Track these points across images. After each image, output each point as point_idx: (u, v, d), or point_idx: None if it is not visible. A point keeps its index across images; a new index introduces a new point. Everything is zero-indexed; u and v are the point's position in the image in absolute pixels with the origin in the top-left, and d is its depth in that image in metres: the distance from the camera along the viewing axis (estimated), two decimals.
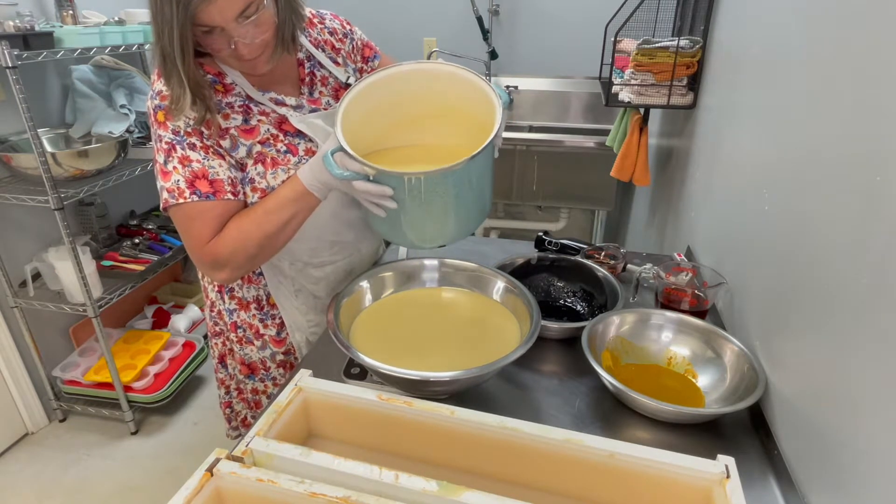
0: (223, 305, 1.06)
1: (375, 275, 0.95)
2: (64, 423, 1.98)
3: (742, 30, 1.13)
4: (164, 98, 0.81)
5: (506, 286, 0.92)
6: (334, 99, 0.96)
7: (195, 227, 0.85)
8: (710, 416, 0.77)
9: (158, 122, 0.83)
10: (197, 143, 0.83)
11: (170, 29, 0.73)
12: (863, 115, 0.59)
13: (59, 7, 1.75)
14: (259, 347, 1.07)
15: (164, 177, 0.84)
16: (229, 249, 0.85)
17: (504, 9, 2.61)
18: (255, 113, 0.89)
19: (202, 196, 0.83)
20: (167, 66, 0.77)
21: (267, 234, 0.85)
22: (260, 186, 0.88)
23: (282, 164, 0.88)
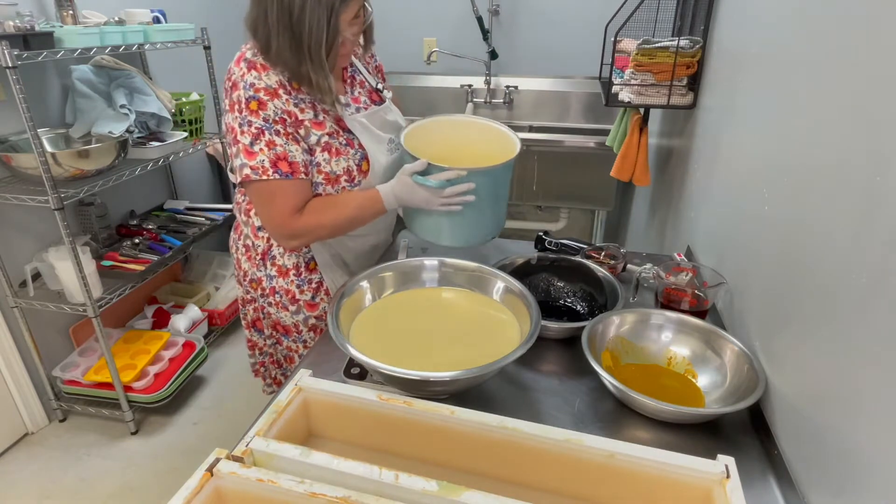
0: (263, 272, 1.18)
1: (375, 275, 0.95)
2: (64, 423, 1.98)
3: (742, 30, 1.13)
4: (258, 90, 0.97)
5: (506, 286, 0.92)
6: (369, 99, 1.16)
7: (277, 202, 1.02)
8: (710, 416, 0.77)
9: (251, 111, 0.97)
10: (281, 129, 0.99)
11: (317, 33, 0.91)
12: (862, 116, 0.59)
13: (60, 7, 1.75)
14: (293, 312, 1.20)
15: (250, 156, 0.98)
16: (306, 229, 1.05)
17: (504, 9, 2.61)
18: (320, 110, 1.05)
19: (283, 175, 0.99)
20: (304, 65, 0.94)
21: (339, 228, 1.09)
22: (325, 170, 1.06)
23: (343, 154, 1.06)
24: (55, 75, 1.88)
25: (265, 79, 0.98)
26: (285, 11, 0.90)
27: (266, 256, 1.17)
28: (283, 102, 0.99)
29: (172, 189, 2.49)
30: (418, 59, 2.77)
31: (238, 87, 0.98)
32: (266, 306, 1.21)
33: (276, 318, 1.22)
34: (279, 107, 0.99)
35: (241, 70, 0.98)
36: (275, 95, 0.98)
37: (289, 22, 0.91)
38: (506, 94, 2.72)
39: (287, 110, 1.00)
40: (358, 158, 1.08)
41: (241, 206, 1.19)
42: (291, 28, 0.91)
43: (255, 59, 0.98)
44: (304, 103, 1.03)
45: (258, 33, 0.96)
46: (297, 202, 1.03)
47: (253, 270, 1.20)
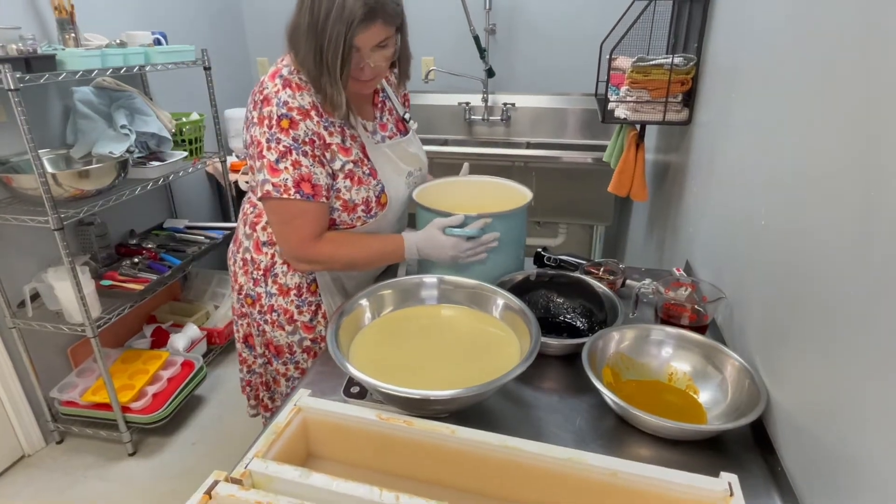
0: (263, 288, 1.16)
1: (375, 293, 0.95)
2: (61, 444, 1.96)
3: (735, 47, 1.14)
4: (291, 109, 0.98)
5: (505, 303, 0.92)
6: (395, 127, 1.19)
7: (296, 224, 1.03)
8: (713, 432, 0.77)
9: (281, 129, 0.98)
10: (309, 151, 1.00)
11: (335, 46, 0.92)
12: (856, 131, 0.59)
13: (62, 30, 1.77)
14: (289, 332, 1.18)
15: (274, 173, 0.99)
16: (321, 258, 1.06)
17: (500, 28, 2.65)
18: (347, 137, 1.06)
19: (304, 196, 1.00)
20: (324, 76, 0.95)
21: (353, 265, 1.12)
22: (344, 197, 1.06)
23: (364, 184, 1.08)
24: (57, 97, 1.90)
25: (299, 98, 0.98)
26: (315, 20, 0.92)
27: (268, 273, 1.15)
28: (314, 124, 1.00)
29: (172, 208, 2.50)
30: (416, 78, 2.80)
31: (271, 102, 0.98)
32: (262, 323, 1.19)
33: (271, 336, 1.20)
34: (310, 128, 0.99)
35: (275, 86, 0.99)
36: (307, 116, 0.99)
37: (315, 31, 0.92)
38: (503, 112, 2.75)
39: (317, 132, 1.00)
40: (378, 190, 1.09)
41: (247, 218, 1.18)
42: (316, 37, 0.92)
43: (291, 78, 0.99)
44: (333, 127, 1.04)
45: (293, 40, 0.98)
46: (315, 227, 1.03)
47: (250, 286, 1.18)
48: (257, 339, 1.23)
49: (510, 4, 2.60)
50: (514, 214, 1.09)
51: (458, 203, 1.11)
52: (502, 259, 1.12)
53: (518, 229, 1.14)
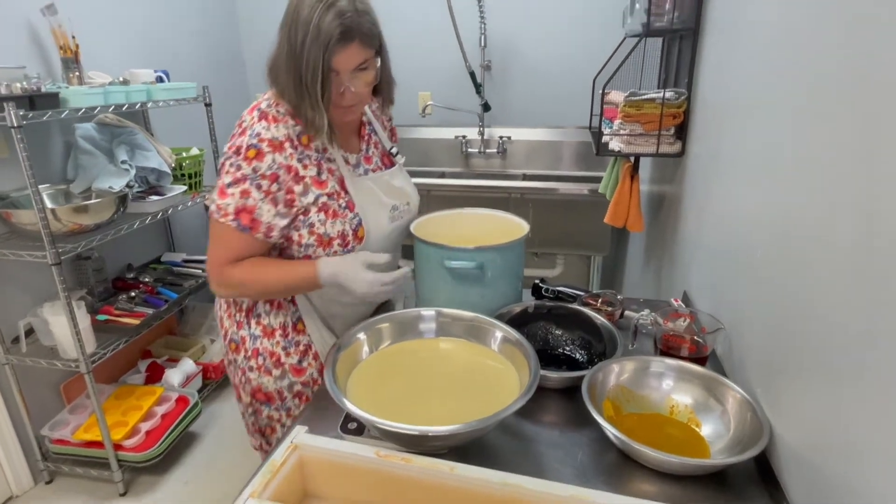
0: (247, 331, 1.11)
1: (372, 326, 0.95)
2: (50, 484, 1.91)
3: (723, 82, 1.17)
4: (262, 140, 0.96)
5: (503, 335, 0.92)
6: (381, 160, 1.16)
7: (221, 247, 1.00)
8: (716, 467, 0.76)
9: (246, 158, 0.96)
10: (265, 185, 0.97)
11: (314, 69, 0.91)
12: (846, 162, 0.60)
13: (67, 69, 1.81)
14: (278, 377, 1.12)
15: (221, 195, 0.97)
16: (233, 281, 1.01)
17: (495, 64, 2.71)
18: (324, 169, 1.04)
19: (239, 226, 0.97)
20: (304, 100, 0.94)
21: (267, 291, 1.06)
22: (318, 231, 1.03)
23: (340, 217, 1.04)
24: (59, 133, 1.92)
25: (274, 130, 0.97)
26: (293, 47, 0.91)
27: (251, 314, 1.11)
28: (284, 157, 0.98)
29: (170, 241, 2.50)
30: (414, 112, 2.85)
31: (245, 133, 0.98)
32: (246, 370, 1.13)
33: (258, 383, 1.13)
34: (278, 161, 0.97)
35: (252, 118, 0.99)
36: (278, 149, 0.97)
37: (294, 57, 0.92)
38: (499, 144, 2.79)
39: (287, 165, 0.98)
40: (355, 223, 1.05)
41: None
42: (295, 63, 0.92)
43: (269, 110, 0.99)
44: (309, 160, 1.02)
45: (272, 71, 0.98)
46: (238, 255, 1.00)
47: (234, 330, 1.13)
48: (243, 388, 1.17)
49: (504, 41, 2.67)
50: (511, 246, 1.10)
51: (456, 235, 1.12)
52: (500, 291, 1.12)
53: (516, 261, 1.14)
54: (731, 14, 1.15)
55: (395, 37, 3.00)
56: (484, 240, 1.09)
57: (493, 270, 1.09)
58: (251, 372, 1.12)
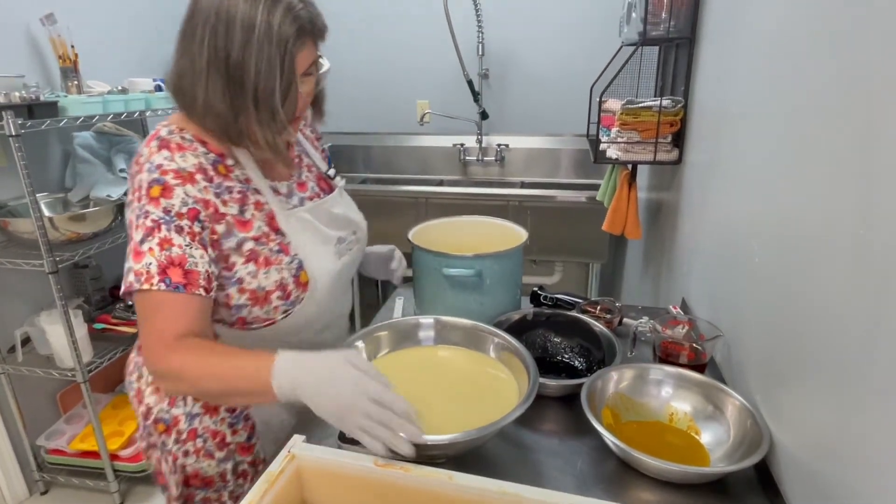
0: (182, 408, 0.90)
1: (371, 335, 0.94)
2: (46, 495, 1.90)
3: (720, 89, 1.18)
4: (165, 172, 0.77)
5: (502, 343, 0.92)
6: (317, 185, 0.97)
7: (157, 321, 0.75)
8: (716, 475, 0.75)
9: (150, 198, 0.76)
10: (185, 226, 0.76)
11: (267, 75, 0.74)
12: (843, 168, 0.61)
13: (65, 78, 1.82)
14: (221, 459, 0.92)
15: (136, 258, 0.75)
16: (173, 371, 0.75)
17: (493, 72, 2.73)
18: (249, 205, 0.84)
19: (170, 286, 0.74)
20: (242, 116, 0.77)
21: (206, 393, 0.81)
22: (250, 287, 0.82)
23: (274, 264, 0.84)
24: (57, 141, 1.93)
25: (179, 160, 0.78)
26: (219, 53, 0.74)
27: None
28: (198, 190, 0.78)
29: None
30: (412, 121, 2.86)
31: (143, 168, 0.78)
32: (180, 456, 0.91)
33: (195, 468, 0.92)
34: (191, 195, 0.77)
35: (150, 150, 0.79)
36: (188, 180, 0.77)
37: (224, 65, 0.74)
38: (497, 152, 2.80)
39: (203, 199, 0.78)
40: (295, 268, 0.85)
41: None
42: (228, 72, 0.74)
43: (171, 138, 0.80)
44: (228, 195, 0.82)
45: (183, 88, 0.79)
46: (182, 326, 0.75)
47: (162, 407, 0.91)
48: (172, 476, 0.93)
49: (502, 49, 2.68)
50: (509, 254, 1.10)
51: (454, 243, 1.12)
52: (499, 298, 1.12)
53: (514, 268, 1.15)
54: (727, 22, 1.16)
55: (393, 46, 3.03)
56: (482, 247, 1.09)
57: (492, 278, 1.09)
58: (187, 457, 0.91)
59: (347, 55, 2.85)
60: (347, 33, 2.81)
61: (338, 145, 2.99)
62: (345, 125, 2.96)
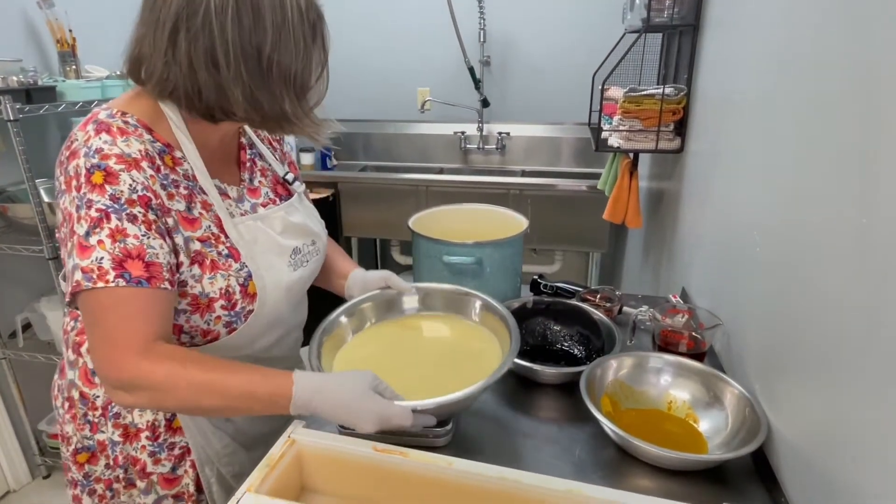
0: (106, 434, 0.81)
1: (355, 307, 0.95)
2: (48, 479, 1.92)
3: (723, 78, 1.17)
4: (107, 157, 0.67)
5: (483, 304, 0.93)
6: (273, 191, 0.88)
7: (117, 321, 0.65)
8: (714, 462, 0.76)
9: (92, 185, 0.66)
10: (139, 214, 0.67)
11: (310, 54, 0.70)
12: (846, 158, 0.60)
13: (63, 63, 1.80)
14: (143, 491, 0.83)
15: (83, 252, 0.65)
16: (152, 382, 0.65)
17: (495, 59, 2.70)
18: (197, 203, 0.76)
19: (131, 281, 0.65)
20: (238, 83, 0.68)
21: (198, 407, 0.70)
22: (192, 292, 0.73)
23: (222, 269, 0.75)
24: (56, 127, 1.91)
25: (122, 145, 0.68)
26: (246, 37, 0.66)
27: (107, 412, 0.80)
28: (144, 178, 0.69)
29: None
30: (413, 108, 2.85)
31: (78, 154, 0.67)
32: (113, 481, 0.83)
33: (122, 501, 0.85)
34: (138, 181, 0.68)
35: (86, 134, 0.68)
36: (133, 167, 0.68)
37: (257, 53, 0.67)
38: (498, 141, 2.79)
39: (151, 188, 0.69)
40: (243, 276, 0.77)
41: (68, 337, 0.84)
42: (253, 49, 0.67)
43: (111, 121, 0.70)
44: (175, 189, 0.73)
45: (141, 56, 0.69)
46: (151, 327, 0.67)
47: (86, 434, 0.81)
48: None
49: (504, 36, 2.66)
50: (509, 242, 1.10)
51: (454, 231, 1.12)
52: (499, 286, 1.12)
53: (514, 257, 1.14)
54: (731, 10, 1.14)
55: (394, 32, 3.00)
56: (482, 235, 1.09)
57: (492, 266, 1.08)
58: (118, 483, 0.83)
59: (348, 42, 2.82)
60: (348, 20, 2.78)
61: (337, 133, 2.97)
62: (345, 113, 2.95)
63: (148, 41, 0.68)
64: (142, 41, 0.69)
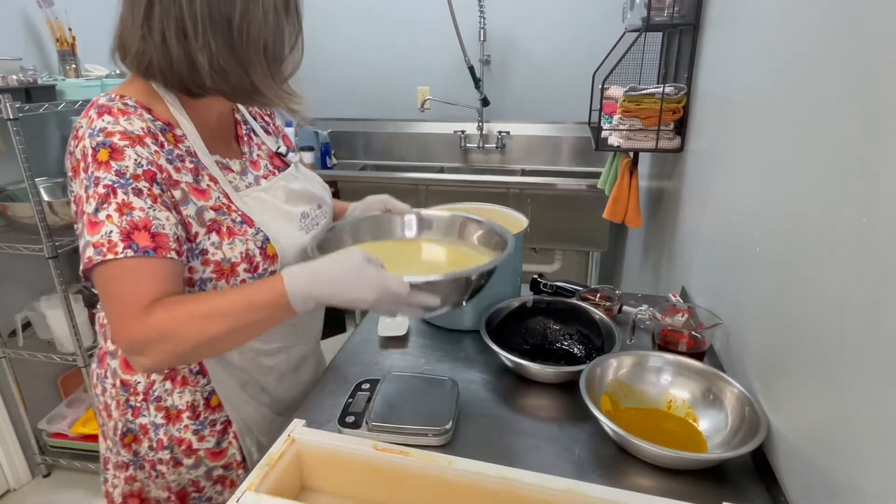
0: (147, 418, 0.85)
1: (355, 224, 0.97)
2: (48, 478, 1.92)
3: (724, 77, 1.17)
4: (111, 135, 0.69)
5: (484, 231, 0.97)
6: (270, 164, 0.91)
7: (120, 290, 0.68)
8: (713, 461, 0.76)
9: (98, 163, 0.68)
10: (144, 188, 0.70)
11: (281, 22, 0.73)
12: (846, 156, 0.60)
13: (63, 62, 1.80)
14: (191, 466, 0.87)
15: (92, 229, 0.67)
16: (153, 332, 0.67)
17: (495, 58, 2.70)
18: (204, 176, 0.78)
19: (139, 251, 0.67)
20: (275, 67, 0.75)
21: (208, 337, 0.69)
22: (214, 259, 0.76)
23: (239, 235, 0.78)
24: (55, 126, 1.91)
25: (124, 123, 0.71)
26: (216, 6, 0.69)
27: (149, 397, 0.84)
28: (149, 153, 0.71)
29: None
30: (413, 107, 2.84)
31: (83, 137, 0.70)
32: (156, 463, 0.87)
33: (170, 480, 0.88)
34: (143, 156, 0.70)
35: (89, 118, 0.72)
36: (137, 142, 0.71)
37: (226, 20, 0.70)
38: (498, 140, 2.79)
39: (157, 163, 0.72)
40: (260, 240, 0.80)
41: (105, 330, 0.87)
42: (230, 27, 0.70)
43: (111, 104, 0.73)
44: (180, 163, 0.76)
45: (124, 37, 0.74)
46: (156, 290, 0.69)
47: (127, 420, 0.85)
48: (152, 489, 0.89)
49: (504, 35, 2.66)
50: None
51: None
52: (499, 286, 1.12)
53: (514, 256, 1.14)
54: (732, 8, 1.14)
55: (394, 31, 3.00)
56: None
57: None
58: (161, 465, 0.87)
59: (348, 40, 2.82)
60: (348, 18, 2.78)
61: (337, 131, 2.97)
62: (345, 111, 2.95)
63: (127, 18, 0.73)
64: (123, 20, 0.74)
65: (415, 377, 0.91)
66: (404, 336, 1.10)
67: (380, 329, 1.09)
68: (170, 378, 0.84)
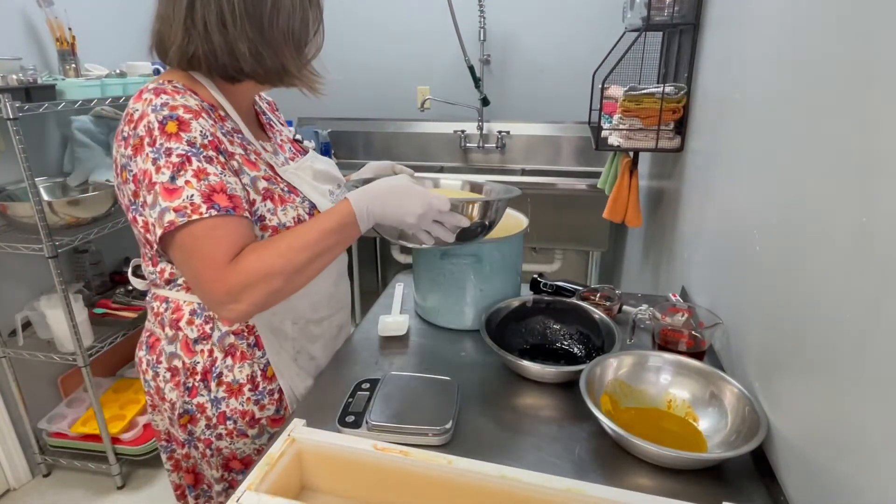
0: (207, 396, 0.89)
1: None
2: (48, 477, 1.92)
3: (723, 77, 1.17)
4: (175, 108, 0.75)
5: (485, 186, 1.08)
6: (293, 148, 1.02)
7: (207, 246, 0.73)
8: (713, 461, 0.76)
9: (168, 134, 0.74)
10: (213, 156, 0.76)
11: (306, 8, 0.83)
12: (846, 157, 0.60)
13: (63, 61, 1.80)
14: (255, 436, 0.93)
15: (171, 195, 0.73)
16: (249, 278, 0.73)
17: (495, 58, 2.70)
18: (250, 152, 0.86)
19: (221, 210, 0.74)
20: (291, 56, 0.84)
21: (297, 268, 0.77)
22: (271, 224, 0.83)
23: (289, 202, 0.86)
24: (55, 126, 1.91)
25: (181, 99, 0.77)
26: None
27: (209, 376, 0.89)
28: (210, 124, 0.78)
29: None
30: (412, 107, 2.84)
31: (146, 115, 0.75)
32: (213, 440, 0.92)
33: (231, 451, 0.93)
34: (206, 127, 0.77)
35: (144, 101, 0.77)
36: (198, 115, 0.77)
37: (259, 12, 0.79)
38: (498, 139, 2.79)
39: (216, 135, 0.79)
40: (307, 207, 0.88)
41: (163, 318, 0.90)
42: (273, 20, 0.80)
43: (163, 87, 0.79)
44: (231, 136, 0.83)
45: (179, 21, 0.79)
46: (237, 244, 0.75)
47: (186, 400, 0.90)
48: (211, 461, 0.94)
49: (504, 35, 2.66)
50: (510, 241, 1.10)
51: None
52: (499, 285, 1.12)
53: (514, 256, 1.14)
54: (732, 8, 1.14)
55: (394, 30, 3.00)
56: None
57: (492, 264, 1.08)
58: (221, 440, 0.92)
59: (347, 40, 2.82)
60: (348, 18, 2.78)
61: (337, 131, 2.97)
62: (345, 111, 2.95)
63: (168, 15, 0.81)
64: (163, 17, 0.82)
65: (415, 377, 0.91)
66: (404, 336, 1.10)
67: (380, 329, 1.09)
68: (230, 354, 0.90)
